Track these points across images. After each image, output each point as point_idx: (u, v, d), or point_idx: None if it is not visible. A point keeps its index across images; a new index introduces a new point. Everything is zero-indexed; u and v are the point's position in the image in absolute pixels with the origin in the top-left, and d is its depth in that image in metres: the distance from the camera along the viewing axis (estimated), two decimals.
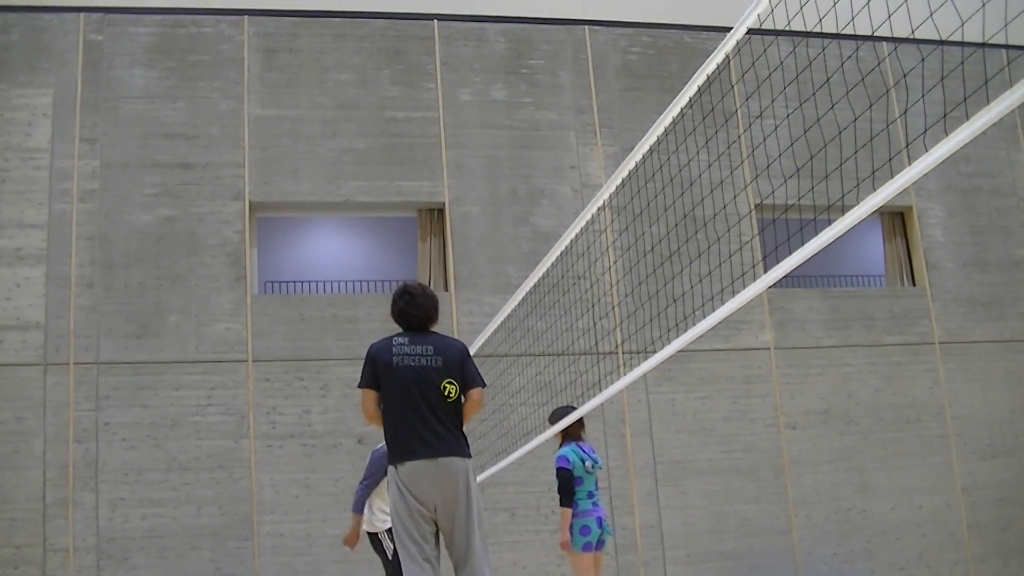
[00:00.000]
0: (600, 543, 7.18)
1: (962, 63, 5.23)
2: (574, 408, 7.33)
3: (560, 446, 7.38)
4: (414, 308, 5.16)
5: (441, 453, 4.81)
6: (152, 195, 11.38)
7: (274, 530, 10.87)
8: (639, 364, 5.83)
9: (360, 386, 5.07)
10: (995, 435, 13.10)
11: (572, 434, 7.37)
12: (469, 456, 4.95)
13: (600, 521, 7.18)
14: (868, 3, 6.25)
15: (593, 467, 7.31)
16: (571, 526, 7.10)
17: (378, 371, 4.98)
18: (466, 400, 5.03)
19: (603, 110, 12.74)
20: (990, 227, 13.85)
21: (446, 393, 4.94)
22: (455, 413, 4.97)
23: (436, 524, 4.84)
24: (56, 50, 11.66)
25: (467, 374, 5.04)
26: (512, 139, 12.46)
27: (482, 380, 5.08)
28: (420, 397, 4.89)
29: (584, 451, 7.36)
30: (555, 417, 7.36)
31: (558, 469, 7.19)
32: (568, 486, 7.05)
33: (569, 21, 12.95)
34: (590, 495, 7.23)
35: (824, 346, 12.68)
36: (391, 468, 4.90)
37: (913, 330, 13.11)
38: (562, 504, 7.12)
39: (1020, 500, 12.93)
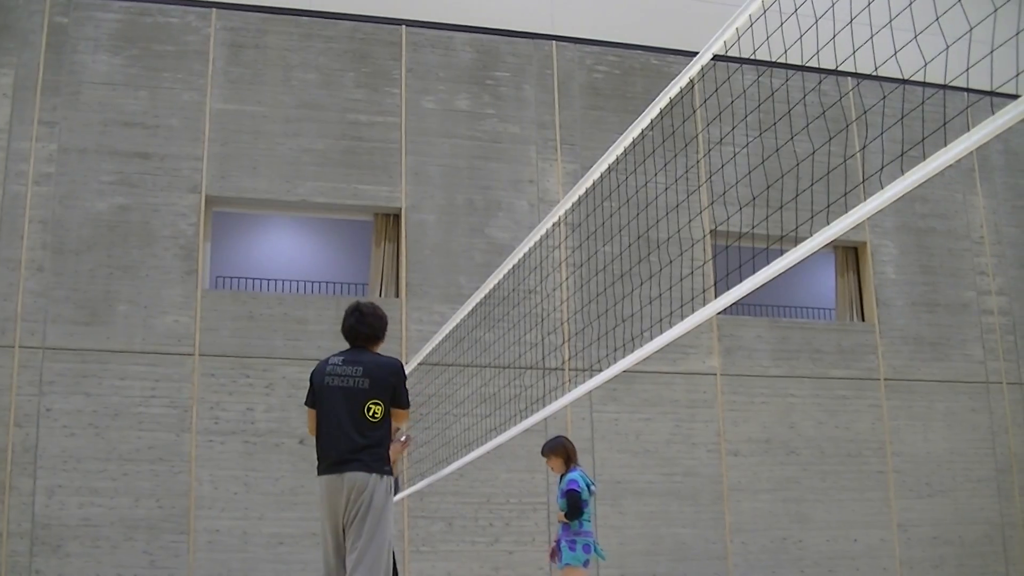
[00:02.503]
0: (588, 562, 8.46)
1: (922, 103, 6.30)
2: (567, 440, 8.94)
3: (567, 471, 8.71)
4: (362, 326, 5.92)
5: (349, 468, 5.52)
6: (108, 183, 12.36)
7: (211, 526, 11.83)
8: (585, 381, 6.77)
9: (306, 404, 5.94)
10: (933, 474, 14.41)
11: (575, 460, 8.79)
12: (382, 473, 5.60)
13: (595, 543, 8.47)
14: (833, 38, 7.36)
15: (592, 491, 8.70)
16: (574, 542, 8.40)
17: (314, 390, 5.83)
18: (392, 418, 5.81)
19: (565, 126, 13.91)
20: (942, 268, 15.22)
21: (370, 413, 5.64)
22: (375, 431, 5.64)
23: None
24: (20, 30, 12.60)
25: (395, 395, 5.76)
26: (472, 149, 13.59)
27: (407, 403, 5.82)
28: (344, 414, 5.64)
29: (587, 477, 8.78)
30: (554, 449, 8.77)
31: (569, 491, 8.52)
32: (577, 507, 8.33)
33: (537, 35, 14.14)
34: (589, 518, 8.48)
35: (770, 375, 13.93)
36: (317, 479, 5.73)
37: (859, 365, 14.40)
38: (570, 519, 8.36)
39: (953, 539, 14.26)
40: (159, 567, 11.66)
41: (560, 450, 8.75)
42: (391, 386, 5.74)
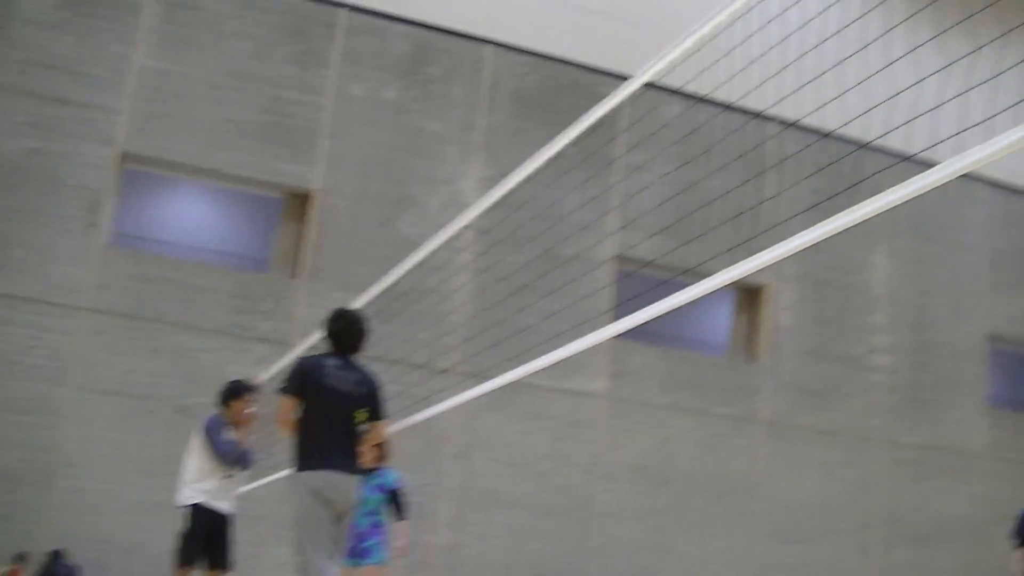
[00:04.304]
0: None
1: (840, 159, 7.21)
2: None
3: (379, 467, 9.11)
4: (359, 336, 6.85)
5: (347, 470, 6.50)
6: (21, 123, 12.96)
7: (74, 485, 12.47)
8: (471, 387, 7.46)
9: (285, 392, 6.59)
10: (801, 521, 15.72)
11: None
12: (359, 474, 6.71)
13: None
14: (762, 83, 8.25)
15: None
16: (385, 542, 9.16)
17: (307, 385, 6.55)
18: (370, 428, 6.73)
19: (488, 131, 14.85)
20: (836, 320, 16.55)
21: (357, 420, 6.62)
22: (357, 436, 6.66)
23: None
24: None
25: (379, 407, 6.76)
26: (393, 141, 14.47)
27: (386, 414, 6.83)
28: (338, 418, 6.55)
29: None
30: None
31: (399, 489, 9.21)
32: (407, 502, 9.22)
33: (475, 38, 15.06)
34: None
35: (654, 404, 15.10)
36: (300, 474, 6.46)
37: (743, 405, 15.64)
38: (404, 517, 9.09)
39: None
40: (13, 520, 12.13)
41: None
42: (377, 398, 6.74)
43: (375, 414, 6.72)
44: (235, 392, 8.81)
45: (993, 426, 18.09)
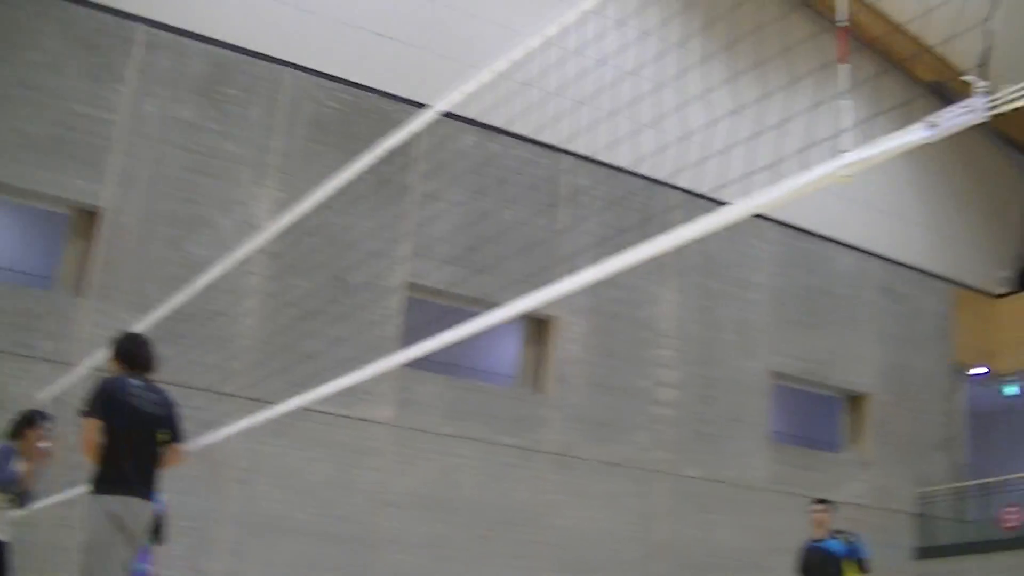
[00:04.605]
0: None
1: (631, 195, 8.44)
2: None
3: None
4: (144, 355, 7.30)
5: (144, 495, 6.89)
6: None
7: None
8: (256, 412, 8.11)
9: (90, 415, 6.89)
10: (585, 551, 17.43)
11: None
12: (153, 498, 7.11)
13: None
14: (557, 120, 9.51)
15: None
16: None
17: (111, 407, 6.89)
18: (169, 451, 7.17)
19: (285, 155, 16.10)
20: (623, 354, 18.38)
21: (158, 440, 7.05)
22: (158, 458, 7.07)
23: None
24: None
25: (178, 429, 7.21)
26: (187, 161, 15.58)
27: (185, 438, 7.29)
28: (141, 440, 6.95)
29: None
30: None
31: (162, 513, 9.53)
32: None
33: (274, 60, 16.27)
34: None
35: (441, 433, 16.54)
36: (101, 497, 6.74)
37: (529, 435, 17.23)
38: (160, 543, 10.07)
39: None
40: None
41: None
42: (176, 419, 7.22)
43: (175, 436, 7.17)
44: (29, 421, 8.98)
45: (774, 460, 20.30)
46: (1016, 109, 4.07)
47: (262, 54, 16.49)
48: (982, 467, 24.86)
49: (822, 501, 11.77)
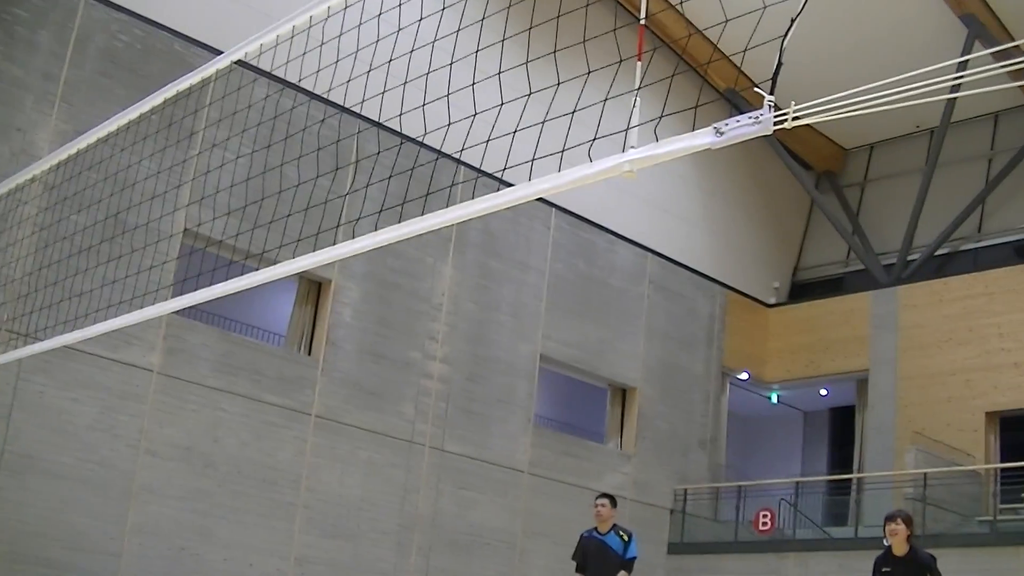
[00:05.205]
0: None
1: (418, 166, 9.15)
2: None
3: None
4: None
5: None
6: None
7: None
8: (20, 346, 8.93)
9: None
10: (341, 517, 19.16)
11: None
12: None
13: None
14: (348, 81, 10.92)
15: None
16: None
17: None
18: None
19: (70, 85, 17.37)
20: (396, 324, 20.31)
21: None
22: None
23: None
24: None
25: None
26: None
27: None
28: None
29: None
30: None
31: None
32: None
33: None
34: None
35: (207, 385, 18.07)
36: None
37: (296, 397, 18.92)
38: None
39: None
40: None
41: None
42: None
43: None
44: None
45: (537, 444, 22.58)
46: (803, 126, 4.58)
47: None
48: (741, 470, 27.88)
49: (605, 496, 12.84)
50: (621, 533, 12.33)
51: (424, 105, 7.29)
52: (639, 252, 25.70)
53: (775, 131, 4.56)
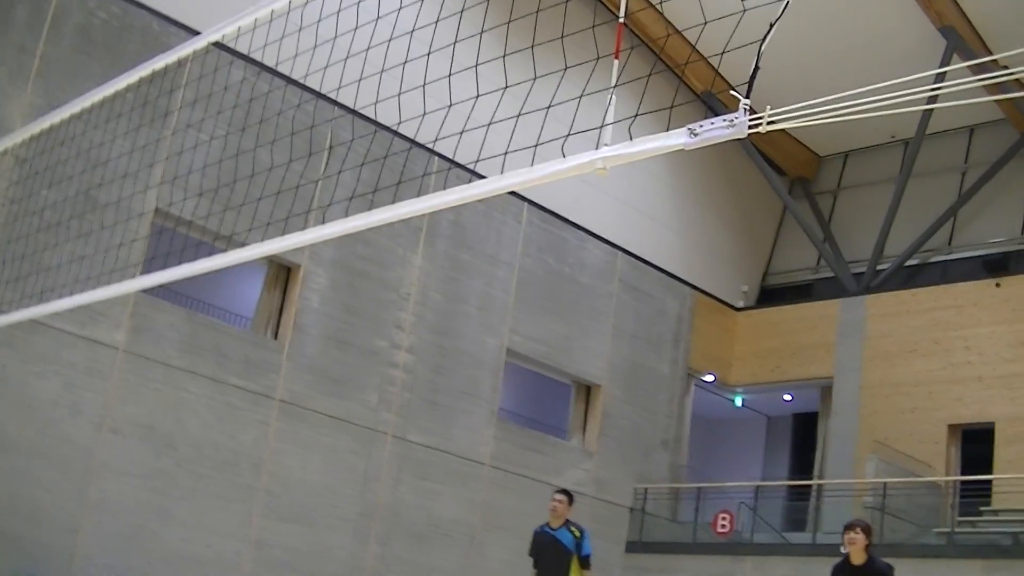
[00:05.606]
0: None
1: (390, 155, 9.35)
2: None
3: None
4: None
5: None
6: None
7: None
8: None
9: None
10: (301, 502, 19.31)
11: None
12: None
13: None
14: (325, 68, 11.03)
15: None
16: None
17: None
18: None
19: (46, 60, 17.48)
20: (363, 311, 20.48)
21: None
22: None
23: None
24: None
25: None
26: None
27: None
28: None
29: None
30: None
31: None
32: None
33: None
34: None
35: (172, 365, 18.20)
36: None
37: (260, 380, 19.06)
38: None
39: (304, 569, 19.41)
40: None
41: None
42: None
43: None
44: None
45: (500, 438, 22.79)
46: (778, 131, 4.83)
47: None
48: (702, 471, 28.15)
49: (563, 492, 12.97)
50: (573, 529, 12.45)
51: (400, 94, 7.33)
52: (609, 250, 25.95)
53: (750, 135, 4.61)
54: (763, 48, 4.80)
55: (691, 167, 27.71)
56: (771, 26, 4.82)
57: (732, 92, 4.74)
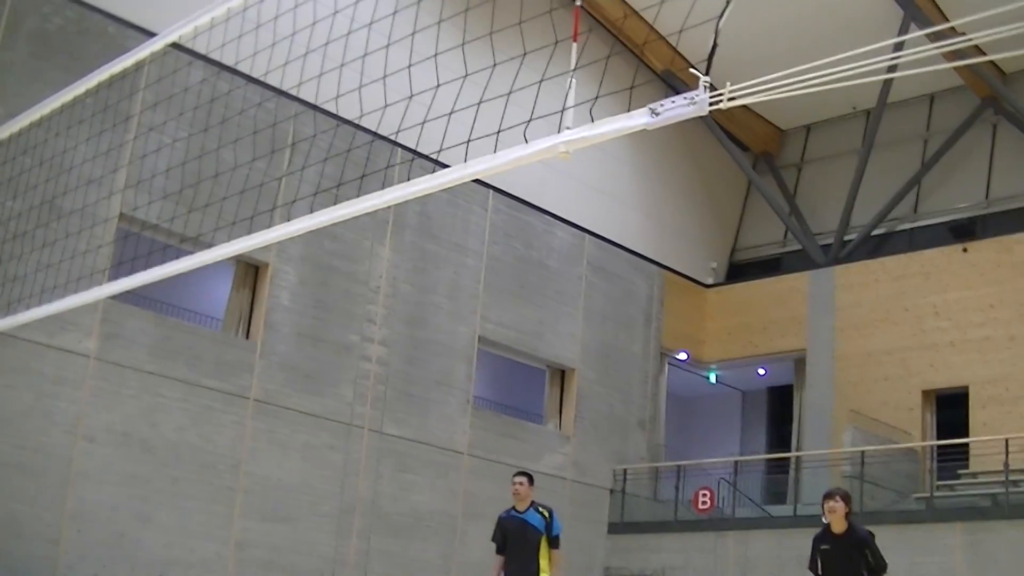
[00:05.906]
0: None
1: (353, 149, 9.33)
2: None
3: None
4: None
5: None
6: None
7: None
8: None
9: None
10: (280, 500, 19.37)
11: None
12: None
13: None
14: (284, 64, 11.11)
15: None
16: None
17: None
18: None
19: (2, 68, 17.47)
20: (334, 306, 20.53)
21: None
22: None
23: None
24: None
25: None
26: None
27: None
28: None
29: None
30: None
31: None
32: None
33: None
34: None
35: (144, 370, 18.22)
36: None
37: (234, 381, 19.11)
38: None
39: (287, 567, 19.43)
40: None
41: None
42: None
43: None
44: None
45: (476, 426, 22.91)
46: (739, 107, 4.61)
47: None
48: (680, 450, 28.31)
49: (523, 473, 12.79)
50: (541, 509, 12.34)
51: (360, 87, 7.37)
52: (576, 233, 26.04)
53: (711, 112, 4.65)
54: (720, 25, 4.85)
55: (654, 147, 27.83)
56: (728, 2, 4.92)
57: (692, 70, 4.78)
